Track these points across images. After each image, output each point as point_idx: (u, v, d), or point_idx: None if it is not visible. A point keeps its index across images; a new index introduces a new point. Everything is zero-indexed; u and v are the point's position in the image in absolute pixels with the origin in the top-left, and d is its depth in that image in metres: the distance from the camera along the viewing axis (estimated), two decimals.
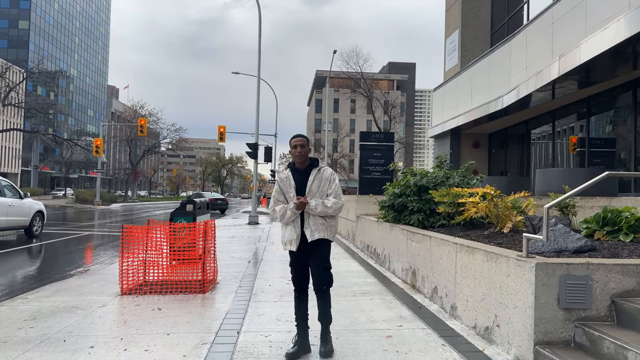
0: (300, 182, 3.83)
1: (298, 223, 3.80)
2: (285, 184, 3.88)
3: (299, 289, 3.90)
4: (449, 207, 7.02)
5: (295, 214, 3.78)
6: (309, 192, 3.80)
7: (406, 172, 8.40)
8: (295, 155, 3.87)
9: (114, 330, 4.46)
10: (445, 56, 18.23)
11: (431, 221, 7.53)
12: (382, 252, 8.47)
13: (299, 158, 3.86)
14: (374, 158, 14.40)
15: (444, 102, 17.26)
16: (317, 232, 3.78)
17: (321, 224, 3.79)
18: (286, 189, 3.86)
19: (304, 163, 3.90)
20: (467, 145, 16.47)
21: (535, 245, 4.22)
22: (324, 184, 3.84)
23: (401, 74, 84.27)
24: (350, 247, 11.44)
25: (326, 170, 3.92)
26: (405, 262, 6.82)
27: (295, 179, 3.85)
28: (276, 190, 3.93)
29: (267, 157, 23.28)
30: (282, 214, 3.82)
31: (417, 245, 6.29)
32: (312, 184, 3.82)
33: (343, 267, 8.36)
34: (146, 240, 6.79)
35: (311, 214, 3.77)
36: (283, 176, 3.94)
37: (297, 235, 3.79)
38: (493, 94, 13.04)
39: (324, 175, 3.88)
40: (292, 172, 3.90)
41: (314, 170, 3.87)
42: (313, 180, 3.83)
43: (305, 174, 3.86)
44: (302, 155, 3.87)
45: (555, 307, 3.46)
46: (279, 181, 3.95)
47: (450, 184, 7.86)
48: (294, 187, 3.83)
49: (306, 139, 3.98)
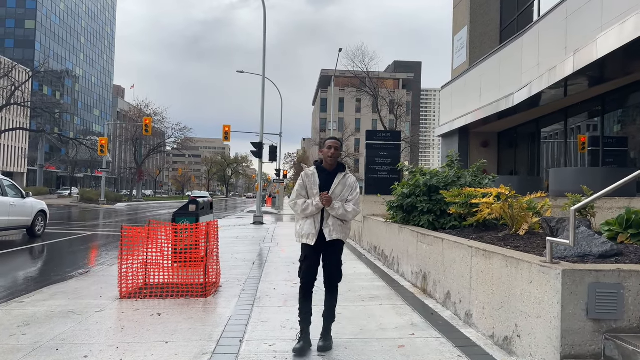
0: (324, 182, 3.95)
1: (318, 219, 3.93)
2: (310, 180, 3.99)
3: (307, 283, 3.96)
4: (461, 208, 6.75)
5: (318, 209, 3.90)
6: (332, 194, 3.91)
7: (415, 172, 8.13)
8: (328, 155, 3.99)
9: (110, 338, 4.23)
10: (454, 53, 17.91)
11: (442, 222, 7.26)
12: (390, 255, 8.21)
13: (331, 159, 3.99)
14: (381, 157, 14.14)
15: (452, 100, 16.95)
16: (335, 232, 3.92)
17: (340, 226, 3.94)
18: (310, 185, 3.97)
19: (333, 165, 4.03)
20: (475, 145, 16.15)
21: (557, 250, 3.94)
22: (347, 190, 3.98)
23: (407, 73, 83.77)
24: (357, 249, 11.18)
25: (350, 178, 4.05)
26: (416, 266, 6.56)
27: (320, 178, 3.97)
28: (300, 184, 4.03)
29: (272, 157, 23.05)
30: (304, 208, 3.92)
31: (428, 247, 6.03)
32: (336, 187, 3.95)
33: (350, 269, 8.10)
34: (147, 242, 6.58)
35: (331, 214, 3.90)
36: (310, 172, 4.04)
37: (317, 231, 3.91)
38: (503, 91, 12.73)
39: (348, 181, 4.01)
40: (318, 171, 4.02)
41: (339, 175, 4.01)
42: (338, 184, 3.96)
43: (331, 175, 4.00)
44: (334, 158, 4.00)
45: (584, 317, 3.19)
46: (304, 176, 4.05)
47: (461, 184, 7.59)
48: (318, 185, 3.94)
49: (340, 143, 4.11)
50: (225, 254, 9.94)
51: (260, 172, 21.86)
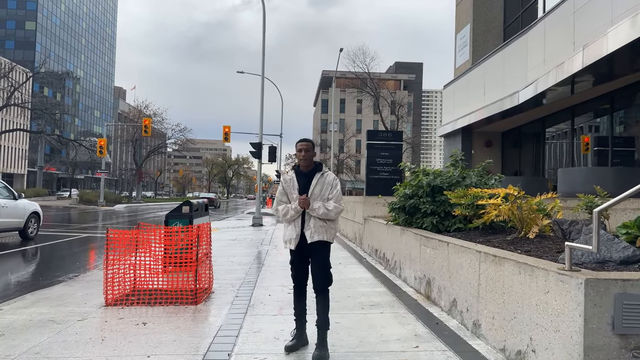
0: (303, 185, 3.93)
1: (299, 223, 3.91)
2: (289, 185, 3.98)
3: (298, 286, 4.04)
4: (467, 210, 6.42)
5: (298, 212, 3.89)
6: (311, 195, 3.89)
7: (417, 172, 7.80)
8: (300, 158, 3.99)
9: (87, 351, 3.90)
10: (456, 52, 17.58)
11: (446, 225, 6.94)
12: (392, 258, 7.87)
13: (304, 162, 3.98)
14: (382, 157, 13.79)
15: (454, 99, 16.61)
16: (317, 234, 3.87)
17: (321, 226, 3.89)
18: (290, 190, 3.97)
19: (309, 167, 4.00)
20: (479, 145, 15.81)
21: (574, 255, 3.61)
22: (326, 188, 3.94)
23: (408, 74, 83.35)
24: (357, 251, 10.84)
25: (329, 176, 4.02)
26: (419, 270, 6.22)
27: (299, 181, 3.96)
28: (279, 191, 4.05)
29: (271, 157, 22.70)
30: (285, 212, 3.94)
31: (432, 252, 5.69)
32: (314, 188, 3.90)
33: (350, 273, 7.76)
34: (135, 246, 6.25)
35: (312, 215, 3.86)
36: (287, 177, 4.05)
37: (297, 235, 3.90)
38: (508, 89, 12.39)
39: (327, 180, 3.97)
40: (296, 175, 4.01)
41: (317, 175, 3.97)
42: (316, 184, 3.92)
43: (308, 177, 3.96)
44: (307, 159, 3.97)
45: (609, 332, 2.85)
46: (283, 182, 4.05)
47: (466, 185, 7.26)
48: (297, 189, 3.92)
49: (312, 143, 4.06)
50: (221, 257, 9.61)
51: (259, 172, 21.52)
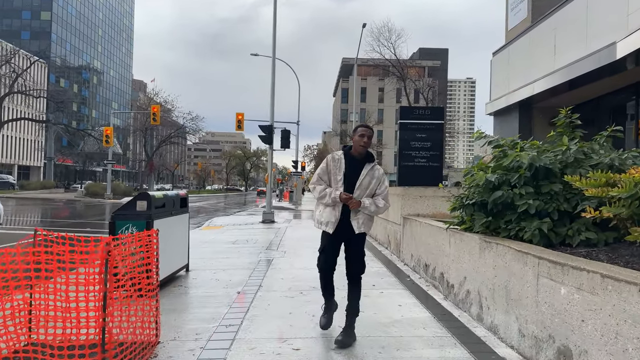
0: (351, 170, 3.77)
1: (339, 207, 3.74)
2: (335, 165, 3.80)
3: (326, 272, 3.85)
4: (621, 209, 3.47)
5: (335, 202, 3.72)
6: (359, 185, 3.75)
7: (505, 145, 4.84)
8: (360, 144, 3.78)
9: None
10: (508, 12, 14.40)
11: (562, 233, 4.03)
12: (460, 285, 4.93)
13: (362, 149, 3.80)
14: (418, 140, 10.80)
15: (508, 67, 13.45)
16: (364, 226, 3.79)
17: (369, 220, 3.84)
18: (335, 171, 3.80)
19: (363, 154, 3.83)
20: (540, 123, 12.65)
21: None
22: (375, 182, 3.82)
23: (433, 60, 79.19)
24: (394, 262, 7.93)
25: (379, 170, 3.89)
26: (540, 325, 3.28)
27: (347, 165, 3.78)
28: (322, 168, 3.85)
29: (284, 143, 19.77)
30: (322, 196, 3.77)
31: (578, 294, 2.74)
32: (364, 178, 3.76)
33: (392, 308, 4.84)
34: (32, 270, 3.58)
35: (363, 212, 3.73)
36: (336, 156, 3.85)
37: (336, 219, 3.74)
38: (594, 44, 9.26)
39: (376, 173, 3.85)
40: (345, 157, 3.81)
41: (367, 165, 3.83)
42: (365, 175, 3.78)
43: (359, 164, 3.81)
44: (366, 147, 3.80)
45: None
46: (330, 160, 3.85)
47: (594, 165, 4.31)
48: (342, 172, 3.76)
49: (372, 130, 3.89)
50: (204, 270, 6.84)
51: (270, 160, 18.68)
